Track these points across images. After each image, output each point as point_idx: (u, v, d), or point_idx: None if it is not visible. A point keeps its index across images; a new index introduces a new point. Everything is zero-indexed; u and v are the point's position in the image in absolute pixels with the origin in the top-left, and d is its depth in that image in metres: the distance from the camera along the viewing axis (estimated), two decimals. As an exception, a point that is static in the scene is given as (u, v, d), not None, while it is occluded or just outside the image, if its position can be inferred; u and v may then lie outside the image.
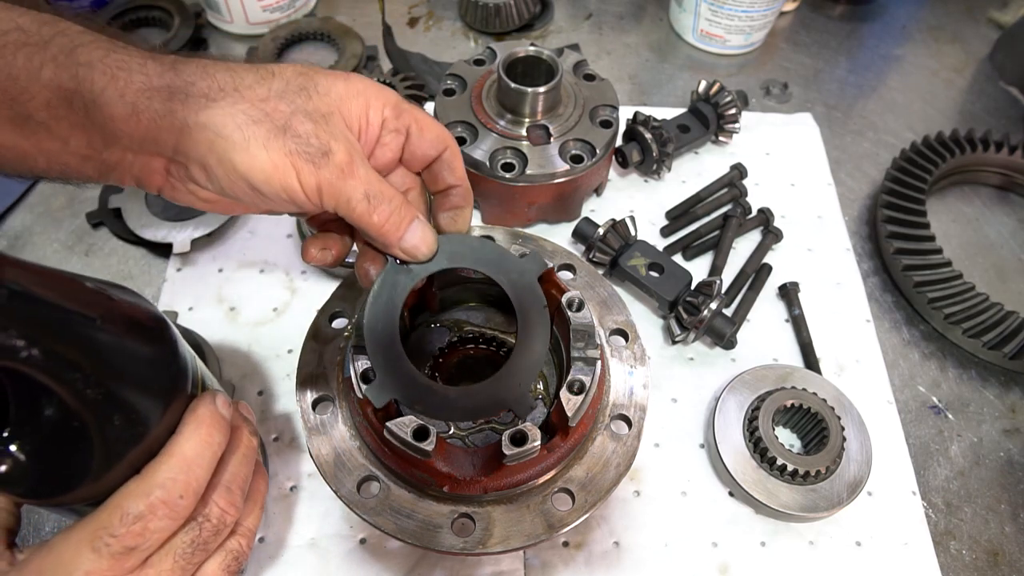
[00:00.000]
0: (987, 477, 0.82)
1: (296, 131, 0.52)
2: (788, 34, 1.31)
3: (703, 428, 0.83)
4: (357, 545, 0.73)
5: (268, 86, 0.54)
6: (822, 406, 0.77)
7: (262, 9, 1.17)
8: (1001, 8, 1.38)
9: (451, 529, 0.60)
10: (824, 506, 0.74)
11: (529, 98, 0.89)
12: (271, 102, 0.53)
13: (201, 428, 0.51)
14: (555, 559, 0.73)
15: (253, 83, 0.53)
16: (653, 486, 0.79)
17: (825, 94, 1.21)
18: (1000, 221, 1.07)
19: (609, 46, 1.25)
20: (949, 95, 1.24)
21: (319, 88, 0.55)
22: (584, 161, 0.91)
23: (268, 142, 0.51)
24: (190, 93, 0.51)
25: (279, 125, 0.52)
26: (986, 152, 1.05)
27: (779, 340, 0.90)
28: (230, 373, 0.83)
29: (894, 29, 1.34)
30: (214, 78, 0.52)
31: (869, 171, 1.10)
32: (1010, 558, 0.77)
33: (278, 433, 0.80)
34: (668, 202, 1.02)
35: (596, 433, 0.65)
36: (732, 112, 1.04)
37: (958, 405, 0.88)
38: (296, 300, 0.90)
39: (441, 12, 1.29)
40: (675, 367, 0.87)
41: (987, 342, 0.88)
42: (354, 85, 0.57)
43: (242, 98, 0.52)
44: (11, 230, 0.96)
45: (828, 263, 0.97)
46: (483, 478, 0.60)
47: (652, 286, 0.88)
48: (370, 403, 0.59)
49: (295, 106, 0.53)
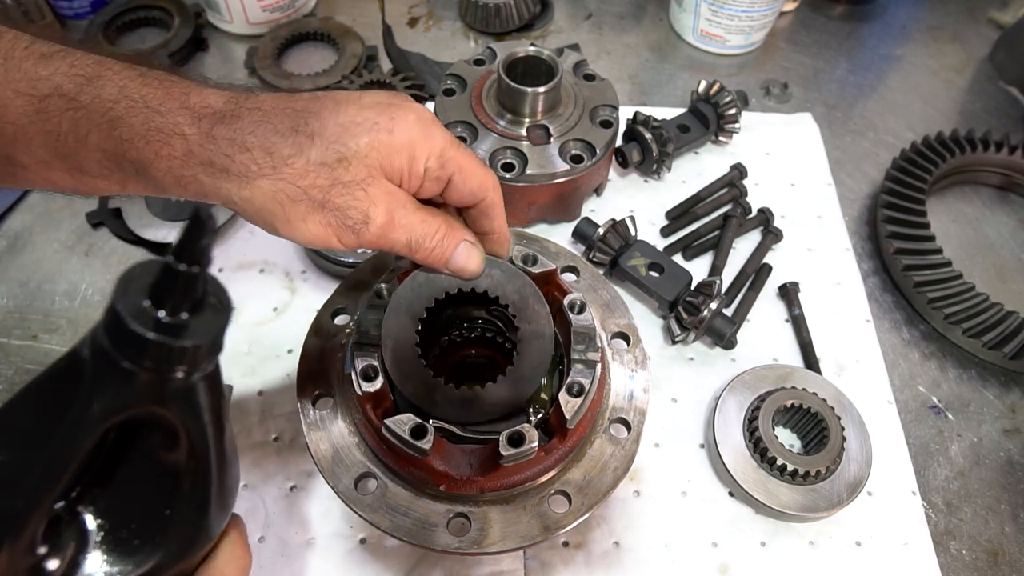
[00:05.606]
0: (987, 477, 0.82)
1: (334, 204, 0.53)
2: (788, 34, 1.30)
3: (703, 428, 0.83)
4: (357, 545, 0.73)
5: (306, 157, 0.53)
6: (822, 406, 0.77)
7: (262, 9, 1.17)
8: (1001, 8, 1.38)
9: (447, 528, 0.60)
10: (824, 506, 0.74)
11: (529, 98, 0.89)
12: (308, 177, 0.53)
13: (236, 550, 0.49)
14: (555, 559, 0.73)
15: (290, 155, 0.53)
16: (653, 486, 0.79)
17: (825, 94, 1.21)
18: (1000, 221, 1.07)
19: (609, 46, 1.25)
20: (949, 95, 1.23)
21: (360, 150, 0.54)
22: (584, 161, 0.91)
23: (308, 216, 0.53)
24: (230, 170, 0.52)
25: (317, 200, 0.53)
26: (986, 152, 1.05)
27: (779, 340, 0.90)
28: (230, 373, 0.83)
29: (894, 29, 1.34)
30: (251, 154, 0.52)
31: (869, 171, 1.10)
32: (1010, 558, 0.77)
33: (278, 433, 0.80)
34: (668, 202, 1.02)
35: (595, 436, 0.65)
36: (732, 112, 1.04)
37: (958, 405, 0.88)
38: (296, 300, 0.90)
39: (441, 12, 1.29)
40: (675, 367, 0.87)
41: (987, 342, 0.88)
42: (398, 138, 0.55)
43: (280, 176, 0.52)
44: (11, 230, 0.96)
45: (828, 263, 0.97)
46: (480, 478, 0.60)
47: (652, 286, 0.88)
48: (369, 400, 0.60)
49: (333, 178, 0.53)
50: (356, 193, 0.53)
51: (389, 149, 0.54)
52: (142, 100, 0.52)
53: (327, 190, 0.53)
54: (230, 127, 0.52)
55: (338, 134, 0.53)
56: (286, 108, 0.54)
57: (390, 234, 0.55)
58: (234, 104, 0.53)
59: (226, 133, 0.52)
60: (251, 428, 0.80)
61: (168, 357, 0.34)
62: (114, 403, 0.35)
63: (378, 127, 0.54)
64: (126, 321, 0.32)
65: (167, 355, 0.33)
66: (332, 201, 0.53)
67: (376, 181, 0.54)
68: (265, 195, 0.52)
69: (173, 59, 1.13)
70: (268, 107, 0.54)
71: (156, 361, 0.33)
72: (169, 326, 0.33)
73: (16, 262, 0.93)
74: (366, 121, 0.54)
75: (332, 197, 0.53)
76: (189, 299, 0.33)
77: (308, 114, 0.54)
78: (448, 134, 0.58)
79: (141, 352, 0.33)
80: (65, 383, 0.36)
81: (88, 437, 0.36)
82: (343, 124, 0.54)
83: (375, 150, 0.54)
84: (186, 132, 0.52)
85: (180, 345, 0.33)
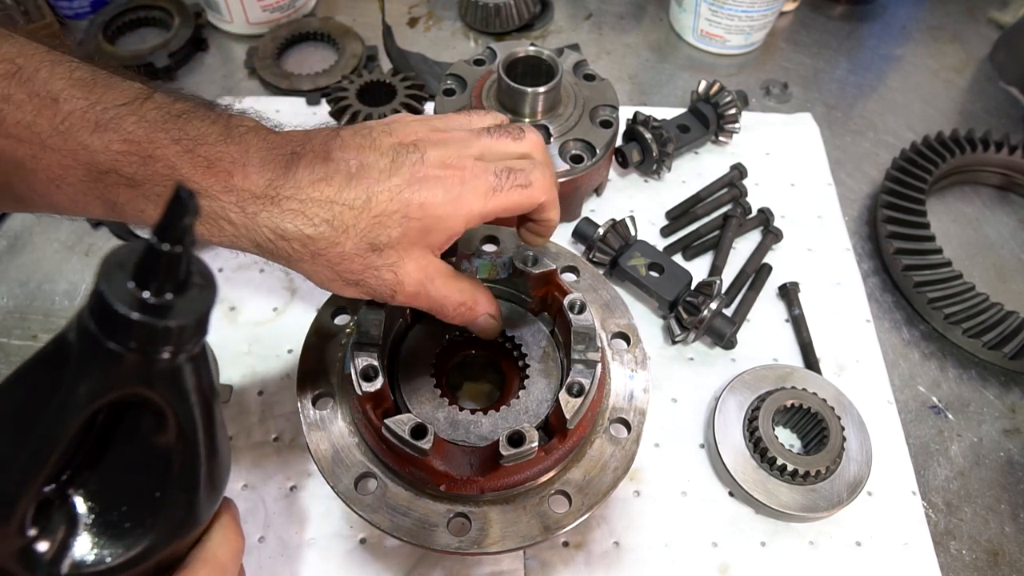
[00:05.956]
0: (987, 477, 0.82)
1: (367, 283, 0.58)
2: (788, 34, 1.30)
3: (703, 428, 0.83)
4: (357, 545, 0.73)
5: (341, 248, 0.56)
6: (822, 406, 0.77)
7: (262, 9, 1.17)
8: (1001, 8, 1.38)
9: (447, 528, 0.60)
10: (824, 506, 0.74)
11: (529, 98, 0.89)
12: (343, 264, 0.57)
13: (229, 532, 0.50)
14: (555, 559, 0.73)
15: (326, 247, 0.56)
16: (653, 486, 0.79)
17: (825, 94, 1.21)
18: (1000, 221, 1.07)
19: (609, 46, 1.25)
20: (949, 95, 1.23)
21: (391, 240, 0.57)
22: (584, 161, 0.91)
23: (342, 288, 0.59)
24: (275, 253, 0.57)
25: (351, 280, 0.58)
26: (986, 152, 1.05)
27: (779, 340, 0.90)
28: (230, 373, 0.83)
29: (894, 29, 1.34)
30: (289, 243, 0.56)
31: (869, 171, 1.10)
32: (1010, 558, 0.77)
33: (278, 433, 0.80)
34: (668, 202, 1.02)
35: (595, 436, 0.65)
36: (732, 112, 1.04)
37: (958, 405, 0.88)
38: (296, 300, 0.90)
39: (441, 12, 1.29)
40: (675, 367, 0.87)
41: (987, 342, 0.88)
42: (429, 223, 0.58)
43: (316, 261, 0.57)
44: (11, 230, 0.96)
45: (828, 263, 0.97)
46: (480, 478, 0.60)
47: (652, 286, 0.88)
48: (369, 400, 0.60)
49: (366, 264, 0.57)
50: (385, 275, 0.58)
51: (422, 233, 0.58)
52: (192, 183, 0.55)
53: (360, 273, 0.57)
54: (271, 214, 0.56)
55: (370, 227, 0.56)
56: (321, 198, 0.56)
57: (414, 301, 0.60)
58: (273, 189, 0.56)
59: (267, 221, 0.56)
60: (251, 428, 0.80)
61: (153, 338, 0.33)
62: (100, 385, 0.35)
63: (408, 219, 0.57)
64: (111, 302, 0.32)
65: (152, 336, 0.33)
66: (365, 281, 0.58)
67: (409, 260, 0.58)
68: (306, 272, 0.58)
69: (173, 59, 1.13)
70: (303, 195, 0.56)
71: (141, 342, 0.33)
72: (154, 307, 0.33)
73: (16, 262, 0.94)
74: (396, 213, 0.57)
75: (365, 279, 0.58)
76: (173, 279, 0.33)
77: (341, 207, 0.56)
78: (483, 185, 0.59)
79: (126, 333, 0.33)
80: (52, 367, 0.36)
81: (75, 419, 0.36)
82: (375, 217, 0.57)
83: (407, 237, 0.58)
84: (233, 219, 0.55)
85: (165, 325, 0.33)
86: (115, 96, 0.55)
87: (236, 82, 1.15)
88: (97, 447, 0.40)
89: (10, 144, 0.53)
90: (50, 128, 0.53)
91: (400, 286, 0.58)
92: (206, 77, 1.16)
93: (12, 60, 0.53)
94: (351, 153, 0.58)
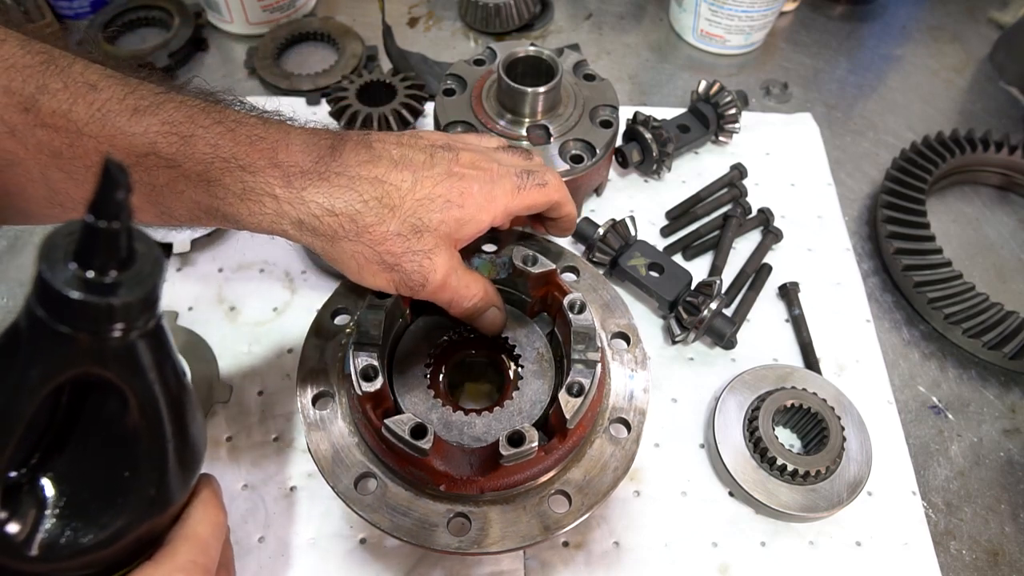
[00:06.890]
0: (987, 477, 0.82)
1: (403, 268, 0.60)
2: (788, 34, 1.30)
3: (703, 428, 0.83)
4: (357, 545, 0.73)
5: (386, 227, 0.59)
6: (822, 406, 0.77)
7: (262, 9, 1.17)
8: (1001, 8, 1.38)
9: (447, 528, 0.60)
10: (824, 506, 0.74)
11: (529, 98, 0.89)
12: (386, 244, 0.59)
13: (209, 509, 0.50)
14: (555, 559, 0.73)
15: (372, 224, 0.59)
16: (653, 486, 0.79)
17: (825, 94, 1.21)
18: (1000, 221, 1.07)
19: (609, 46, 1.25)
20: (949, 95, 1.23)
21: (432, 223, 0.60)
22: (584, 161, 0.91)
23: (378, 274, 0.61)
24: (317, 230, 0.58)
25: (389, 264, 0.60)
26: (986, 152, 1.05)
27: (779, 340, 0.90)
28: (230, 373, 0.83)
29: (894, 29, 1.34)
30: (338, 219, 0.58)
31: (869, 171, 1.10)
32: (1010, 558, 0.77)
33: (278, 433, 0.80)
34: (668, 202, 1.02)
35: (595, 436, 0.65)
36: (732, 112, 1.04)
37: (958, 405, 0.88)
38: (296, 300, 0.90)
39: (441, 12, 1.29)
40: (675, 367, 0.87)
41: (987, 342, 0.88)
42: (467, 212, 0.62)
43: (361, 240, 0.59)
44: (11, 230, 0.96)
45: (828, 263, 0.97)
46: (480, 478, 0.60)
47: (652, 286, 0.88)
48: (369, 400, 0.60)
49: (406, 247, 0.60)
50: (423, 261, 0.60)
51: (458, 223, 0.62)
52: (234, 159, 0.56)
53: (399, 256, 0.60)
54: (319, 190, 0.57)
55: (415, 208, 0.60)
56: (370, 176, 0.59)
57: (439, 293, 0.62)
58: (322, 166, 0.58)
59: (315, 196, 0.57)
60: (251, 428, 0.80)
61: (100, 316, 0.33)
62: (52, 366, 0.35)
63: (450, 204, 0.61)
64: (52, 284, 0.32)
65: (99, 314, 0.33)
66: (402, 266, 0.60)
67: (441, 249, 0.61)
68: (345, 253, 0.59)
69: (173, 59, 1.13)
70: (353, 172, 0.59)
71: (88, 322, 0.33)
72: (97, 285, 0.33)
73: (16, 262, 0.93)
74: (440, 198, 0.61)
75: (402, 263, 0.60)
76: (114, 256, 0.33)
77: (390, 186, 0.60)
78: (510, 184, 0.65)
79: (72, 314, 0.33)
80: (5, 355, 0.36)
81: (29, 403, 0.36)
82: (420, 199, 0.60)
83: (445, 224, 0.61)
84: (277, 193, 0.57)
85: (108, 303, 0.33)
86: (151, 86, 0.56)
87: (236, 82, 1.15)
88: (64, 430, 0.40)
89: (47, 134, 0.53)
90: (87, 115, 0.53)
91: (433, 274, 0.60)
92: (206, 77, 1.16)
93: (47, 52, 0.54)
94: (391, 146, 0.62)
